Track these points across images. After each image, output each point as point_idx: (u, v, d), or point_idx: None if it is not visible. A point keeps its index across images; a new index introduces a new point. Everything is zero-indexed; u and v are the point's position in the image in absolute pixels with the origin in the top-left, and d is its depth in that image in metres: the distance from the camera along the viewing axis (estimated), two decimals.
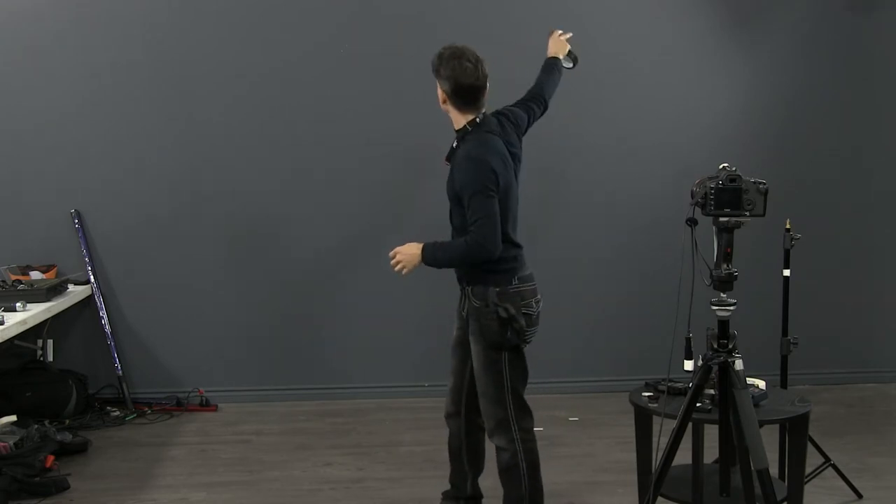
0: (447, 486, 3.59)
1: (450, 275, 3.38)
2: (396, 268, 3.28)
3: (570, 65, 3.84)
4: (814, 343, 4.86)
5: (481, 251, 3.11)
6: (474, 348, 3.25)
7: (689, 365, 3.07)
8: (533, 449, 3.27)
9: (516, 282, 3.20)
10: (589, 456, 4.40)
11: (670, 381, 3.29)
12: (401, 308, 5.35)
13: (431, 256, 3.23)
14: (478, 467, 3.53)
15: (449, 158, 3.29)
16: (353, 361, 5.39)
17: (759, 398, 3.26)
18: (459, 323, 3.39)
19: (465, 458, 3.49)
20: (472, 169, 3.12)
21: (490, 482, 3.54)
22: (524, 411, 3.26)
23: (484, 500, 3.55)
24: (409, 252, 3.25)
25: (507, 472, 3.26)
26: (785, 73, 5.50)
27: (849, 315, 5.65)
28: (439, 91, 3.24)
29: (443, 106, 3.27)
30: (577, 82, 5.33)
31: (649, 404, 3.31)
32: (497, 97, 3.35)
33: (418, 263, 3.25)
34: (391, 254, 3.31)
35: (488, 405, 3.25)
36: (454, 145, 3.27)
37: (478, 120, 3.23)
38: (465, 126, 3.22)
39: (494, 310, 3.15)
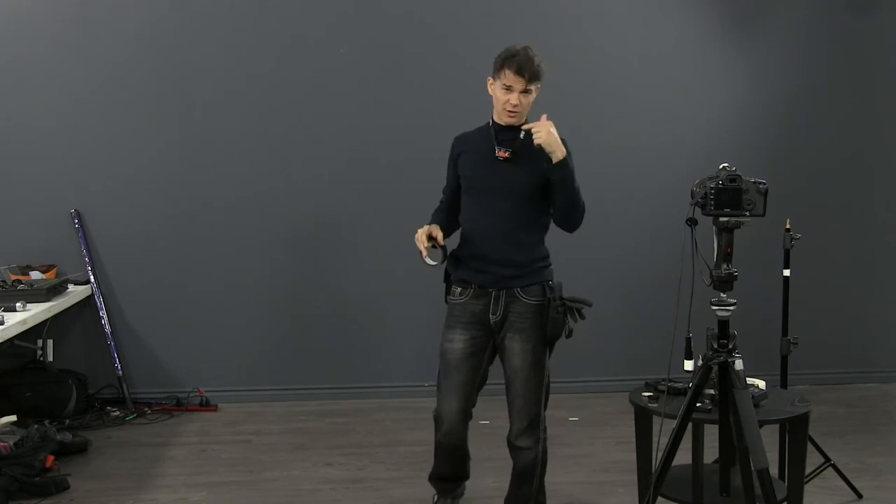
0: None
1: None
2: (542, 123, 3.07)
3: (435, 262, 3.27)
4: (814, 343, 4.86)
5: (582, 217, 3.24)
6: (523, 347, 3.20)
7: (689, 365, 3.06)
8: (547, 449, 3.29)
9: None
10: (589, 456, 4.40)
11: (670, 381, 3.29)
12: (401, 308, 5.35)
13: (569, 160, 3.12)
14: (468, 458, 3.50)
15: (516, 150, 3.20)
16: (353, 361, 5.39)
17: (759, 398, 3.26)
18: (470, 334, 3.26)
19: (466, 451, 3.42)
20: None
21: (490, 482, 3.54)
22: (546, 406, 3.28)
23: (484, 501, 3.54)
24: (556, 137, 3.07)
25: (525, 473, 3.26)
26: (785, 73, 5.50)
27: (849, 315, 5.65)
28: (536, 91, 3.20)
29: (529, 103, 3.23)
30: (577, 82, 5.38)
31: (649, 404, 3.31)
32: None
33: (553, 150, 3.07)
34: (540, 124, 3.08)
35: (525, 404, 3.22)
36: (522, 136, 3.17)
37: None
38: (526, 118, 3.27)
39: (561, 302, 3.17)
